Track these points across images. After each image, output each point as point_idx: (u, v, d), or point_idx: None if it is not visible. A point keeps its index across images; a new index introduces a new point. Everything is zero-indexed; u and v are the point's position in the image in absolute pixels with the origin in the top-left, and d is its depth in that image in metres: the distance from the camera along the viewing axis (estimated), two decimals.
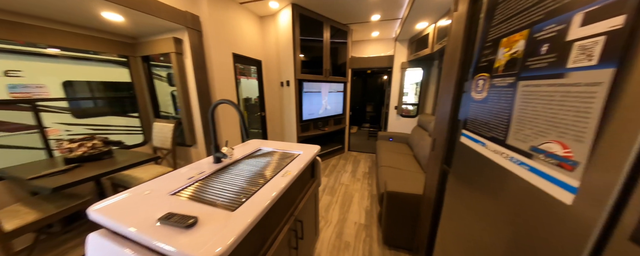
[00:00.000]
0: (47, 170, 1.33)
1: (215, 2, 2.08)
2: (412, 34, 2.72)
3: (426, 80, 3.00)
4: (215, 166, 1.01)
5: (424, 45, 2.49)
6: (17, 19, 1.49)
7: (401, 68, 3.10)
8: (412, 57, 2.84)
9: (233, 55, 2.39)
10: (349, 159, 3.56)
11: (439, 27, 2.16)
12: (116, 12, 1.58)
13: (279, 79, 2.94)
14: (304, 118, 2.91)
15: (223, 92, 2.30)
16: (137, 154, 1.79)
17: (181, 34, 1.97)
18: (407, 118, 3.30)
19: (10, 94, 1.93)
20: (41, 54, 3.07)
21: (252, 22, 2.67)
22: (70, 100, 3.10)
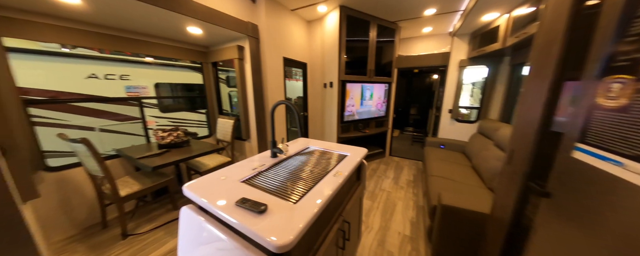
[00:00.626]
0: (148, 152, 1.72)
1: (271, 11, 2.28)
2: (475, 27, 2.37)
3: (492, 79, 2.57)
4: (272, 160, 1.11)
5: (492, 39, 2.14)
6: (127, 34, 1.96)
7: (459, 67, 2.75)
8: (474, 53, 2.49)
9: (283, 59, 2.57)
10: (391, 164, 3.37)
11: (515, 17, 1.82)
12: (197, 26, 1.91)
13: (322, 81, 3.02)
14: (344, 120, 2.90)
15: (274, 93, 2.50)
16: (205, 144, 2.13)
17: (243, 41, 2.23)
18: (463, 123, 2.90)
19: (126, 93, 2.56)
20: (141, 62, 3.96)
21: (300, 27, 2.82)
22: (163, 98, 3.89)
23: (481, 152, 2.16)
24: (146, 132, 2.33)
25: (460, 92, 2.81)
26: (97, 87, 3.36)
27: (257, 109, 2.38)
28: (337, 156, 1.20)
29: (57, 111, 3.09)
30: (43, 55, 3.00)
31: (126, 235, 1.68)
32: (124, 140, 3.61)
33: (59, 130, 2.09)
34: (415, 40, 3.75)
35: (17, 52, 2.50)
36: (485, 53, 2.26)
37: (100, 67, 3.44)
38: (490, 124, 2.35)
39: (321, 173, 0.97)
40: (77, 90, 3.21)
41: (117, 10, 1.51)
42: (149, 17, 1.67)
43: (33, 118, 1.56)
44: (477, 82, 3.06)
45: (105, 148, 2.28)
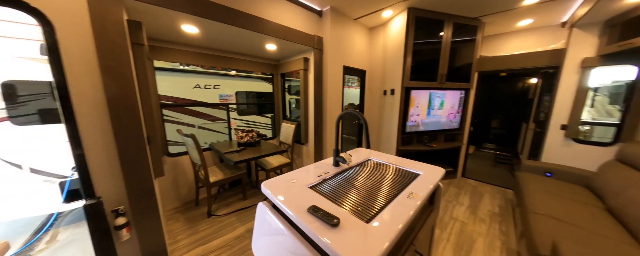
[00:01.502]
0: (230, 149, 2.08)
1: (335, 22, 2.37)
2: (614, 11, 1.68)
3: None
4: (335, 168, 1.10)
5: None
6: (220, 53, 2.46)
7: (582, 68, 2.01)
8: (611, 48, 1.76)
9: (343, 67, 2.61)
10: (465, 188, 2.78)
11: None
12: (273, 43, 2.20)
13: (382, 88, 2.86)
14: (406, 130, 2.62)
15: (332, 101, 2.56)
16: (271, 145, 2.40)
17: (309, 54, 2.41)
18: (588, 145, 2.08)
19: (220, 100, 3.24)
20: (228, 75, 4.91)
21: (361, 34, 2.80)
22: (243, 104, 4.68)
23: (627, 190, 1.46)
24: (229, 131, 2.84)
25: (584, 102, 2.02)
26: (199, 94, 4.40)
27: (316, 116, 2.49)
28: (406, 173, 1.07)
29: (174, 111, 4.20)
30: (168, 71, 4.17)
31: (210, 215, 2.06)
32: (213, 136, 4.55)
33: (175, 126, 2.85)
34: (506, 36, 3.04)
35: (157, 70, 3.59)
36: (635, 47, 1.55)
37: (201, 79, 4.49)
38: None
39: (391, 191, 0.87)
40: (187, 97, 4.29)
41: (218, 34, 1.93)
42: (238, 38, 2.05)
43: (163, 116, 2.17)
44: (602, 87, 2.14)
45: (201, 141, 2.93)
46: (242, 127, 4.95)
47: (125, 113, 1.24)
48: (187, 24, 1.67)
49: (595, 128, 2.15)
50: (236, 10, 1.68)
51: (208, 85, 4.54)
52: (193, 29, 1.74)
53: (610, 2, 1.56)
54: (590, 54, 1.96)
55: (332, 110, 2.58)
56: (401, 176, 1.03)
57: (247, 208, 2.21)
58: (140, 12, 1.40)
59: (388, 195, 0.83)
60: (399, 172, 1.10)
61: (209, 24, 1.67)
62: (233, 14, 1.66)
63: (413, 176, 1.01)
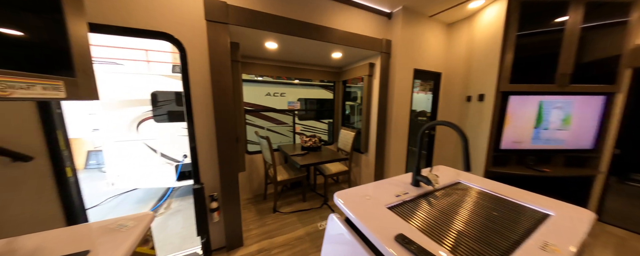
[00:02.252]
0: (295, 152, 2.22)
1: (407, 22, 2.17)
2: None
3: None
4: (415, 189, 0.94)
5: None
6: (289, 64, 2.69)
7: None
8: None
9: (414, 71, 2.35)
10: (602, 238, 1.90)
11: None
12: (339, 51, 2.23)
13: (465, 93, 2.38)
14: (501, 147, 2.05)
15: (399, 108, 2.34)
16: (331, 152, 2.42)
17: (374, 59, 2.31)
18: None
19: (288, 106, 3.59)
20: (291, 83, 5.38)
21: (437, 32, 2.45)
22: (306, 110, 5.04)
23: None
24: (294, 135, 3.08)
25: None
26: (269, 101, 5.04)
27: (379, 124, 2.33)
28: (524, 210, 0.79)
29: (251, 116, 4.93)
30: (248, 82, 4.94)
31: (275, 211, 2.25)
32: (277, 138, 5.10)
33: (251, 128, 3.33)
34: None
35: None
36: None
37: (271, 88, 5.13)
38: None
39: (507, 234, 0.64)
40: (261, 103, 4.99)
41: (292, 47, 2.11)
42: (308, 49, 2.19)
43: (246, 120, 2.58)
44: None
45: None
46: (303, 131, 5.31)
47: (224, 117, 1.52)
48: (270, 41, 1.92)
49: None
50: (309, 24, 1.80)
51: (276, 93, 5.16)
52: (274, 44, 1.99)
53: None
54: None
55: (398, 118, 2.35)
56: (517, 213, 0.77)
57: (306, 210, 2.29)
58: (239, 34, 1.71)
59: (504, 239, 0.62)
60: (512, 206, 0.82)
61: (286, 39, 1.86)
62: (307, 27, 1.79)
63: (539, 216, 0.73)
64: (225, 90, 1.49)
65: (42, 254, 0.57)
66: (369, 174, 2.53)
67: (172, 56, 4.78)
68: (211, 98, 1.49)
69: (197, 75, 1.47)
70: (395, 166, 2.44)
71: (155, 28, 1.32)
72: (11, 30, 0.52)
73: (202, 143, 1.53)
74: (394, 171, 2.44)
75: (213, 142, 1.55)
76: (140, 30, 1.28)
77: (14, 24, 0.53)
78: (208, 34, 1.42)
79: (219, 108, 1.49)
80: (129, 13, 1.24)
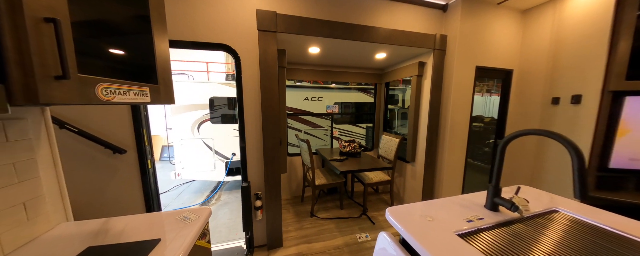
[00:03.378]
0: (334, 157, 2.17)
1: (468, 13, 1.87)
2: None
3: None
4: (491, 214, 0.75)
5: None
6: (328, 68, 2.65)
7: None
8: None
9: (476, 68, 2.00)
10: None
11: None
12: (383, 52, 2.09)
13: (550, 93, 1.89)
14: (611, 166, 1.52)
15: (456, 112, 2.02)
16: (371, 158, 2.26)
17: (426, 57, 2.07)
18: None
19: (327, 110, 3.60)
20: (328, 88, 5.36)
21: (508, 22, 2.03)
22: (342, 114, 4.96)
23: None
24: (331, 140, 3.04)
25: None
26: (307, 105, 5.15)
27: (430, 131, 2.05)
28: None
29: (290, 119, 5.13)
30: (288, 87, 5.14)
31: (312, 215, 2.23)
32: (314, 141, 5.17)
33: (291, 131, 3.45)
34: None
35: None
36: None
37: (309, 92, 5.23)
38: None
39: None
40: (300, 107, 5.16)
41: (334, 50, 2.08)
42: (350, 50, 2.12)
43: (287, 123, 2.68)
44: None
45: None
46: (340, 135, 5.24)
47: (271, 120, 1.58)
48: (313, 46, 1.94)
49: None
50: (353, 25, 1.74)
51: (313, 98, 5.26)
52: (316, 49, 2.01)
53: None
54: None
55: (454, 125, 2.03)
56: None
57: (344, 218, 2.19)
58: (285, 41, 1.78)
59: None
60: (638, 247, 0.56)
61: (329, 42, 1.84)
62: (351, 28, 1.73)
63: None
64: (272, 95, 1.56)
65: (126, 236, 0.66)
66: (416, 187, 2.26)
67: (225, 66, 5.44)
68: (260, 103, 1.58)
69: (249, 82, 1.58)
70: (449, 180, 2.11)
71: (216, 40, 1.48)
72: (117, 50, 0.63)
73: (250, 144, 1.64)
74: (448, 186, 2.11)
75: (260, 143, 1.64)
76: (203, 43, 1.46)
77: (119, 45, 0.64)
78: (259, 43, 1.51)
79: (266, 112, 1.56)
80: (195, 29, 1.43)
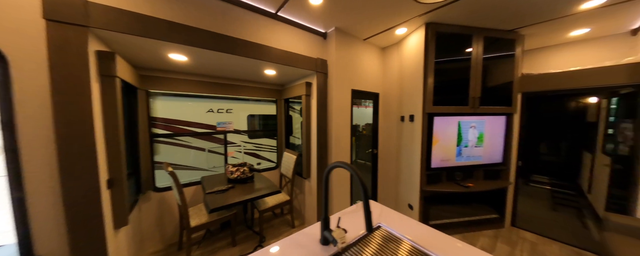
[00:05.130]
0: (217, 187, 1.79)
1: (341, 44, 2.15)
2: None
3: None
4: (324, 250, 0.71)
5: None
6: (220, 80, 2.36)
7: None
8: None
9: (352, 91, 2.31)
10: (520, 246, 2.07)
11: None
12: (272, 69, 2.02)
13: (399, 113, 2.46)
14: (432, 166, 2.11)
15: (338, 129, 2.22)
16: (266, 182, 2.06)
17: (311, 78, 2.18)
18: None
19: (218, 128, 3.10)
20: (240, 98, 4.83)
21: (373, 55, 2.54)
22: (240, 132, 4.45)
23: None
24: (226, 158, 2.62)
25: None
26: (213, 118, 4.39)
27: (320, 147, 2.14)
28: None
29: (185, 135, 4.14)
30: (180, 97, 4.22)
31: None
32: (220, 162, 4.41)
33: (183, 151, 2.72)
34: (555, 50, 2.53)
35: (164, 96, 3.63)
36: None
37: (214, 104, 4.51)
38: None
39: None
40: (202, 121, 4.31)
41: (211, 61, 1.79)
42: (235, 65, 1.91)
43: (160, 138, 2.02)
44: None
45: (210, 165, 2.74)
46: (256, 150, 4.79)
47: (80, 153, 1.04)
48: (174, 53, 1.55)
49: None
50: (229, 37, 1.54)
51: (221, 110, 4.57)
52: (181, 57, 1.63)
53: None
54: None
55: (339, 140, 2.23)
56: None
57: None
58: (117, 42, 1.29)
59: None
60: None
61: (199, 52, 1.54)
62: (225, 41, 1.52)
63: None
64: (81, 116, 1.04)
65: None
66: (313, 202, 2.27)
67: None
68: (52, 129, 1.01)
69: (27, 94, 0.98)
70: (339, 191, 2.26)
71: None
72: None
73: (37, 190, 1.00)
74: (338, 198, 2.26)
75: (57, 190, 1.03)
76: None
77: None
78: (48, 38, 0.98)
79: (67, 141, 1.01)
80: None
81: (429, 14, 1.79)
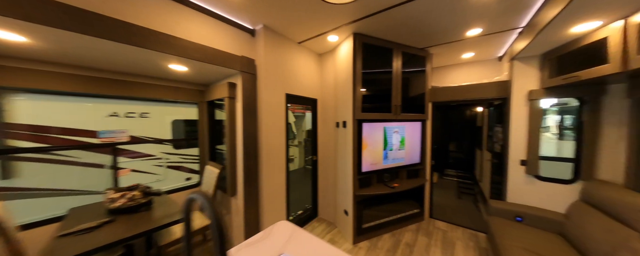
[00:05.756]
0: (78, 226, 1.26)
1: (272, 44, 1.98)
2: (554, 44, 1.64)
3: (594, 119, 1.66)
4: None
5: (593, 59, 1.37)
6: (109, 75, 1.80)
7: (529, 100, 1.92)
8: (555, 81, 1.68)
9: (286, 95, 2.16)
10: (435, 236, 2.35)
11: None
12: (179, 64, 1.64)
13: (335, 119, 2.47)
14: (363, 170, 2.18)
15: (273, 136, 2.02)
16: (173, 208, 1.63)
17: (235, 78, 1.91)
18: (549, 183, 1.89)
19: (101, 139, 2.35)
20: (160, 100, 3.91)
21: (310, 60, 2.49)
22: (135, 143, 3.63)
23: (603, 237, 1.17)
24: (116, 179, 1.99)
25: (539, 136, 1.89)
26: (119, 125, 3.38)
27: (247, 157, 1.88)
28: None
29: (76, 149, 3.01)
30: (71, 96, 3.10)
31: None
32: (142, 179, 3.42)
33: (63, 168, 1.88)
34: (453, 68, 3.10)
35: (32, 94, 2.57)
36: (581, 81, 1.46)
37: (120, 106, 3.50)
38: (606, 191, 1.39)
39: None
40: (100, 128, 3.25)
41: (76, 49, 1.29)
42: (127, 57, 1.45)
43: None
44: (552, 119, 2.14)
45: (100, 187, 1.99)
46: (179, 162, 3.97)
47: None
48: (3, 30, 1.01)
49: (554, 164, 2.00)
50: (109, 19, 1.12)
51: (131, 114, 3.58)
52: (18, 37, 1.09)
53: (552, 34, 1.48)
54: (535, 86, 1.90)
55: (272, 147, 2.02)
56: None
57: None
58: None
59: None
60: None
61: (58, 35, 1.05)
62: (103, 23, 1.10)
63: None
64: None
65: None
66: (240, 222, 1.96)
67: None
68: None
69: None
70: (271, 207, 2.04)
71: None
72: None
73: None
74: (271, 214, 2.03)
75: None
76: None
77: None
78: None
79: None
80: None
81: (355, 23, 1.85)
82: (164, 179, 3.59)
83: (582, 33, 1.41)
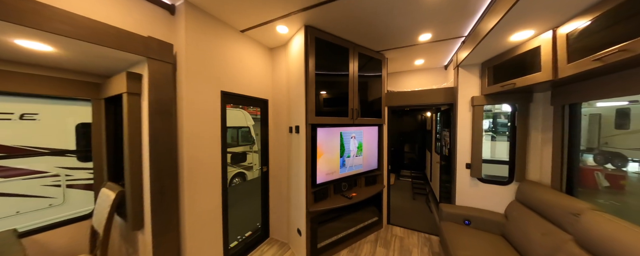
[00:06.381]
0: None
1: (201, 27, 1.55)
2: (492, 52, 1.72)
3: (524, 124, 1.80)
4: None
5: (525, 68, 1.45)
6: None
7: (472, 106, 2.01)
8: (494, 88, 1.77)
9: (222, 94, 1.74)
10: (392, 244, 2.26)
11: (571, 34, 1.14)
12: (35, 40, 1.07)
13: (288, 123, 2.16)
14: (318, 182, 1.91)
15: (200, 145, 1.57)
16: None
17: (140, 67, 1.40)
18: (490, 185, 1.99)
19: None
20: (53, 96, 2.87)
21: (257, 54, 2.12)
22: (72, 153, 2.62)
23: (533, 232, 1.19)
24: None
25: (481, 140, 1.99)
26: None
27: (157, 177, 1.37)
28: None
29: None
30: None
31: None
32: (14, 206, 2.34)
33: None
34: (407, 74, 3.19)
35: None
36: (516, 88, 1.53)
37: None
38: (537, 191, 1.49)
39: None
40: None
41: None
42: None
43: None
44: (491, 124, 2.32)
45: None
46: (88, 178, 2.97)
47: None
48: None
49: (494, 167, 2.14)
50: None
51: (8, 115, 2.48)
52: None
53: (492, 43, 1.52)
54: (477, 93, 1.99)
55: (198, 164, 1.56)
56: None
57: None
58: None
59: None
60: None
61: None
62: None
63: None
64: None
65: None
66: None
67: None
68: None
69: None
70: (200, 237, 1.57)
71: None
72: None
73: None
74: (199, 247, 1.57)
75: None
76: None
77: None
78: None
79: None
80: None
81: (306, 12, 1.59)
82: (62, 203, 2.63)
83: (518, 42, 1.47)
